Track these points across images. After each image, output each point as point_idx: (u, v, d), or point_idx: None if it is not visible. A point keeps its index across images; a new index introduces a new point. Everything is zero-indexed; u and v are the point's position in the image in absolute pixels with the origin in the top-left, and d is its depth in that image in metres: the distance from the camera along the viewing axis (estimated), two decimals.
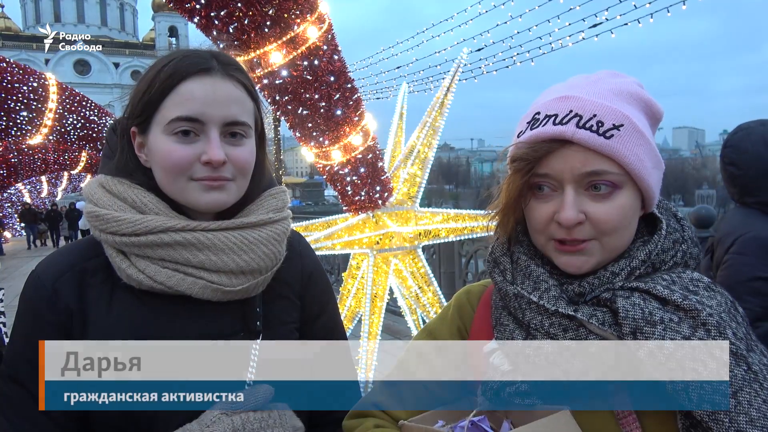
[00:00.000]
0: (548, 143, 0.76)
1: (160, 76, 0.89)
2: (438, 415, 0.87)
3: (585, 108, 0.76)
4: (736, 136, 2.00)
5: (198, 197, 0.90)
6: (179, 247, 0.88)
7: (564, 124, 0.76)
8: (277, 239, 0.97)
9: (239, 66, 0.95)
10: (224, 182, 0.91)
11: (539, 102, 0.82)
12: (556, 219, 0.77)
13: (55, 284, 0.89)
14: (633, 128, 0.76)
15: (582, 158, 0.75)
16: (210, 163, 0.88)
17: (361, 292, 3.43)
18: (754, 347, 0.74)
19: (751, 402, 0.67)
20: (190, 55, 0.91)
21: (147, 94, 0.89)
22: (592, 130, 0.74)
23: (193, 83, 0.88)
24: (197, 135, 0.89)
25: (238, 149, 0.92)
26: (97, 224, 0.90)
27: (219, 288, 0.89)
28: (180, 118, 0.87)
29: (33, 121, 10.31)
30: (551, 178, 0.78)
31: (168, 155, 0.88)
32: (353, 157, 3.00)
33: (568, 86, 0.83)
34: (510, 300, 0.83)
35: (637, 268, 0.79)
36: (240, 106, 0.92)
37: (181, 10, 2.43)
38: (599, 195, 0.76)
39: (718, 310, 0.73)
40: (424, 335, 1.00)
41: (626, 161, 0.75)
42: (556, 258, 0.81)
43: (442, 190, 79.06)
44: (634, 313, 0.72)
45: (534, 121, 0.79)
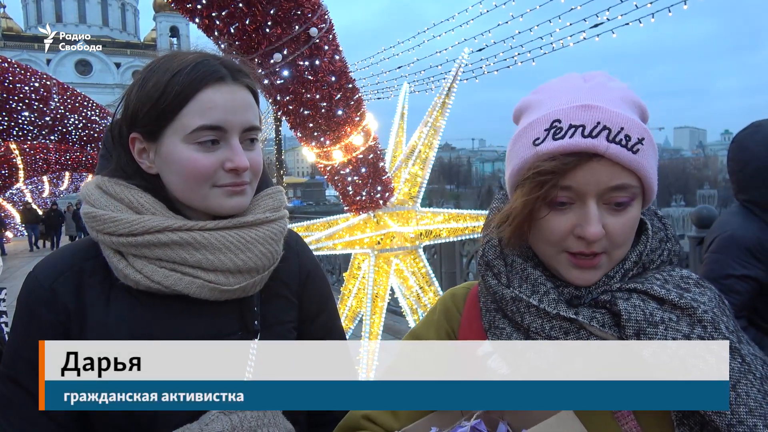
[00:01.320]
0: (577, 156, 0.74)
1: (173, 84, 0.88)
2: (431, 421, 0.87)
3: (612, 120, 0.74)
4: (744, 133, 2.00)
5: (222, 203, 0.92)
6: (176, 247, 0.88)
7: (594, 137, 0.73)
8: (274, 238, 0.97)
9: (247, 71, 0.96)
10: (245, 186, 0.93)
11: (553, 107, 0.79)
12: (579, 233, 0.76)
13: (53, 284, 0.89)
14: (651, 141, 0.76)
15: (609, 172, 0.74)
16: (236, 170, 0.90)
17: (362, 292, 3.43)
18: (742, 338, 0.77)
19: (749, 393, 0.69)
20: (201, 63, 0.90)
21: (161, 102, 0.88)
22: (621, 144, 0.73)
23: (212, 92, 0.89)
24: (218, 143, 0.90)
25: (254, 153, 0.94)
26: (94, 225, 0.90)
27: (216, 287, 0.89)
28: (205, 126, 0.88)
29: (34, 121, 10.33)
30: (573, 190, 0.76)
31: (192, 164, 0.89)
32: (354, 157, 3.00)
33: (577, 93, 0.79)
34: (507, 303, 0.83)
35: (630, 269, 0.80)
36: (253, 112, 0.94)
37: (183, 10, 2.43)
38: (617, 209, 0.76)
39: (711, 306, 0.74)
40: (411, 339, 0.99)
41: (647, 175, 0.75)
42: (566, 271, 0.80)
43: (444, 190, 79.06)
44: (636, 314, 0.73)
45: (556, 129, 0.76)
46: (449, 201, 51.15)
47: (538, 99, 0.84)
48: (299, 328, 1.05)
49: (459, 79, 3.57)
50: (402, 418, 0.89)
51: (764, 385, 0.71)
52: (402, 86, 4.02)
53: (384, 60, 16.96)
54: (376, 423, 0.91)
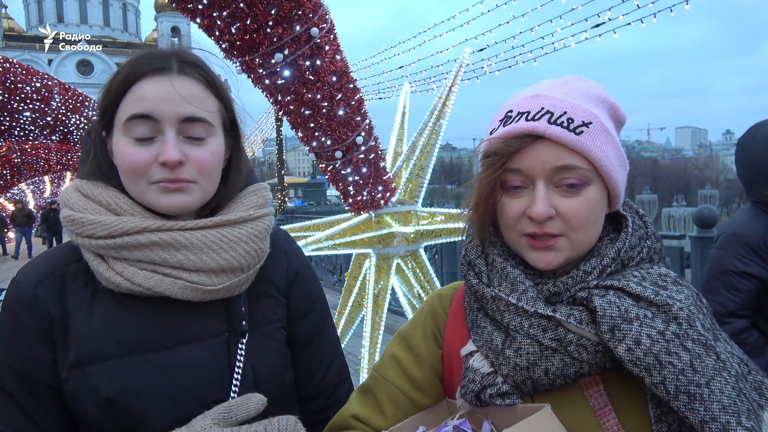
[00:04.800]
0: (521, 138, 0.79)
1: (116, 79, 0.88)
2: (418, 420, 0.87)
3: (556, 106, 0.79)
4: (746, 135, 2.03)
5: (157, 200, 0.88)
6: (156, 248, 0.86)
7: (536, 120, 0.78)
8: (259, 236, 0.95)
9: (199, 62, 0.94)
10: (184, 184, 0.88)
11: (510, 102, 0.85)
12: (528, 214, 0.79)
13: (35, 290, 0.88)
14: (601, 126, 0.79)
15: (553, 153, 0.78)
16: (166, 163, 0.86)
17: (363, 291, 3.43)
18: (719, 336, 0.78)
19: (722, 389, 0.70)
20: (147, 55, 0.90)
21: (107, 97, 0.89)
22: (563, 126, 0.77)
23: (146, 82, 0.87)
24: (154, 137, 0.87)
25: (199, 149, 0.89)
26: (73, 228, 0.88)
27: (199, 287, 0.88)
28: (134, 116, 0.86)
29: (36, 121, 10.34)
30: (523, 173, 0.80)
31: (126, 157, 0.87)
32: (355, 157, 2.99)
33: (538, 88, 0.85)
34: (487, 302, 0.84)
35: (608, 266, 0.82)
36: (198, 103, 0.89)
37: (184, 10, 2.43)
38: (568, 191, 0.79)
39: (687, 304, 0.76)
40: (398, 340, 1.00)
41: (595, 157, 0.78)
42: (527, 254, 0.82)
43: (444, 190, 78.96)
44: (611, 311, 0.74)
45: (506, 118, 0.82)
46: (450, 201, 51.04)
47: (508, 100, 0.88)
48: (287, 328, 1.04)
49: (460, 79, 3.57)
50: (390, 417, 0.90)
51: (739, 383, 0.72)
52: (403, 86, 4.01)
53: (385, 60, 16.97)
54: (364, 422, 0.91)
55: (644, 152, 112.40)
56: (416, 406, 0.91)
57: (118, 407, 0.84)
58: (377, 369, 0.97)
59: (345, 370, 1.15)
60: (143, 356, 0.87)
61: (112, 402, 0.84)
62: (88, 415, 0.86)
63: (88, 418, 0.86)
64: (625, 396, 0.78)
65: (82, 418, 0.87)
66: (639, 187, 52.80)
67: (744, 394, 0.71)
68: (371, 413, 0.92)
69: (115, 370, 0.86)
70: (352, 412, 0.93)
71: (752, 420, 0.69)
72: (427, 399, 0.92)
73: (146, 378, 0.86)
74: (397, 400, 0.92)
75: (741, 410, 0.69)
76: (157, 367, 0.87)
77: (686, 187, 73.60)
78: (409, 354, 0.95)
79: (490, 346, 0.82)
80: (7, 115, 9.83)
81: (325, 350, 1.10)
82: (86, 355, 0.86)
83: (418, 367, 0.94)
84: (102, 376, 0.85)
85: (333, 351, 1.12)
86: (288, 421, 0.85)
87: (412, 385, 0.93)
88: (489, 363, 0.81)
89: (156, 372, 0.87)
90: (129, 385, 0.85)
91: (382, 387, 0.94)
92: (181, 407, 0.86)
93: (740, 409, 0.69)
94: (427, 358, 0.94)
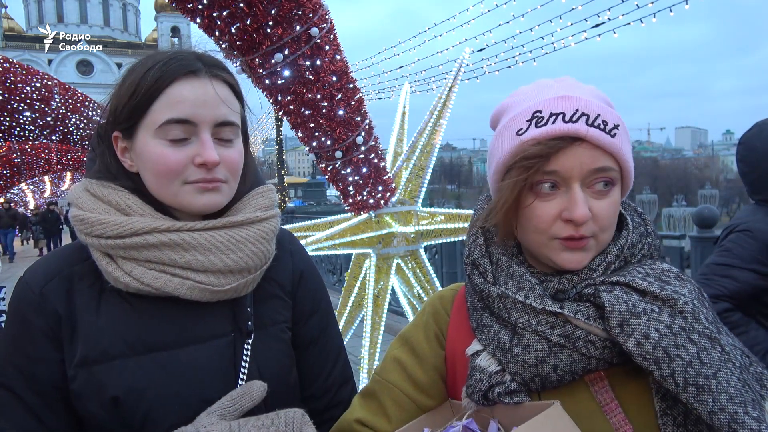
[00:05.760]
0: (560, 140, 0.78)
1: (146, 79, 0.88)
2: (422, 423, 0.87)
3: (589, 108, 0.79)
4: (749, 134, 2.00)
5: (193, 200, 0.90)
6: (165, 248, 0.87)
7: (574, 122, 0.78)
8: (266, 238, 0.96)
9: (225, 66, 0.95)
10: (218, 184, 0.90)
11: (531, 102, 0.83)
12: (566, 217, 0.79)
13: (43, 289, 0.89)
14: (625, 130, 0.81)
15: (591, 155, 0.78)
16: (205, 164, 0.88)
17: (363, 291, 3.43)
18: (721, 329, 0.79)
19: (729, 381, 0.70)
20: (175, 58, 0.90)
21: (133, 98, 0.88)
22: (600, 128, 0.78)
23: (182, 85, 0.88)
24: (188, 138, 0.88)
25: (229, 150, 0.92)
26: (82, 228, 0.88)
27: (207, 288, 0.88)
28: (172, 120, 0.87)
29: (36, 121, 10.34)
30: (558, 175, 0.79)
31: (161, 159, 0.87)
32: (355, 157, 2.99)
33: (565, 87, 0.83)
34: (493, 301, 0.84)
35: (612, 262, 0.83)
36: (228, 107, 0.92)
37: (184, 10, 2.43)
38: (600, 192, 0.79)
39: (691, 298, 0.77)
40: (400, 343, 0.99)
41: (625, 159, 0.80)
42: (555, 255, 0.81)
43: (444, 190, 79.01)
44: (620, 306, 0.75)
45: (537, 119, 0.80)
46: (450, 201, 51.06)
47: (515, 100, 0.87)
48: (293, 328, 1.04)
49: (460, 79, 3.57)
50: (394, 420, 0.90)
51: (743, 374, 0.73)
52: (403, 86, 4.01)
53: (385, 60, 16.97)
54: (369, 426, 0.91)
55: (644, 152, 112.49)
56: (420, 409, 0.91)
57: (124, 406, 0.85)
58: (380, 372, 0.97)
59: (349, 369, 1.15)
60: (150, 356, 0.88)
61: (119, 401, 0.84)
62: (94, 415, 0.86)
63: (94, 418, 0.86)
64: (631, 391, 0.79)
65: (88, 417, 0.87)
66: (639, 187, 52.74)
67: (748, 385, 0.73)
68: (375, 417, 0.91)
69: (121, 369, 0.86)
70: (356, 417, 0.93)
71: (757, 410, 0.70)
72: (430, 401, 0.92)
73: (152, 377, 0.87)
74: (401, 403, 0.92)
75: (747, 400, 0.69)
76: (163, 366, 0.88)
77: (686, 187, 73.56)
78: (412, 356, 0.95)
79: (498, 345, 0.81)
80: (7, 115, 9.83)
81: (330, 350, 1.10)
82: (93, 354, 0.86)
83: (421, 369, 0.94)
84: (108, 375, 0.85)
85: (337, 350, 1.13)
86: (295, 414, 0.84)
87: (416, 388, 0.92)
88: (496, 361, 0.81)
89: (162, 371, 0.87)
90: (135, 385, 0.85)
91: (385, 390, 0.94)
92: (187, 407, 0.86)
93: (746, 399, 0.69)
94: (430, 359, 0.94)
